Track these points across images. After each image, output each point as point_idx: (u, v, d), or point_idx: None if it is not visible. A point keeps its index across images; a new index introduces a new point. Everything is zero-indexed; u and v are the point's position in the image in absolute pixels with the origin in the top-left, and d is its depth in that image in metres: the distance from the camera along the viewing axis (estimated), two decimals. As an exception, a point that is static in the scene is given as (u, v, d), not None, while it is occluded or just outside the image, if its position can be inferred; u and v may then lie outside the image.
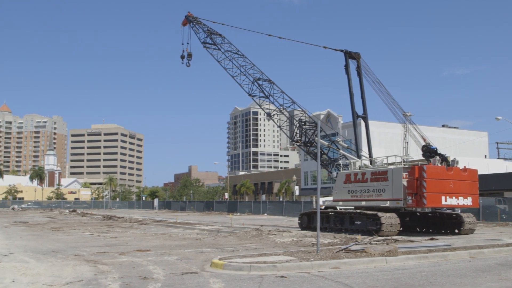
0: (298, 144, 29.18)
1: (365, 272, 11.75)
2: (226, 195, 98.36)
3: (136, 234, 26.05)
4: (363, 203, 23.96)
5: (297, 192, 72.87)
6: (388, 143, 65.01)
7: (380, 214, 21.67)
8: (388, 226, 21.35)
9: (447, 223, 23.90)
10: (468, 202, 22.52)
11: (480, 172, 25.18)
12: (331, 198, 26.95)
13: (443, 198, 21.54)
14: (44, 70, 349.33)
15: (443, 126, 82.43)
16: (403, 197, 21.87)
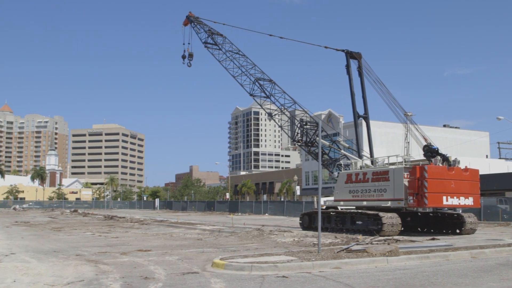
0: (299, 144, 29.21)
1: (366, 272, 11.75)
2: (227, 195, 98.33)
3: (137, 234, 26.07)
4: (364, 203, 23.97)
5: (298, 192, 72.93)
6: (389, 143, 65.05)
7: (381, 214, 21.67)
8: (389, 226, 21.35)
9: (449, 223, 23.90)
10: (469, 202, 22.51)
11: (481, 172, 25.19)
12: (332, 198, 26.96)
13: (444, 198, 21.54)
14: (45, 70, 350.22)
15: (444, 126, 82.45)
16: (404, 197, 21.88)
